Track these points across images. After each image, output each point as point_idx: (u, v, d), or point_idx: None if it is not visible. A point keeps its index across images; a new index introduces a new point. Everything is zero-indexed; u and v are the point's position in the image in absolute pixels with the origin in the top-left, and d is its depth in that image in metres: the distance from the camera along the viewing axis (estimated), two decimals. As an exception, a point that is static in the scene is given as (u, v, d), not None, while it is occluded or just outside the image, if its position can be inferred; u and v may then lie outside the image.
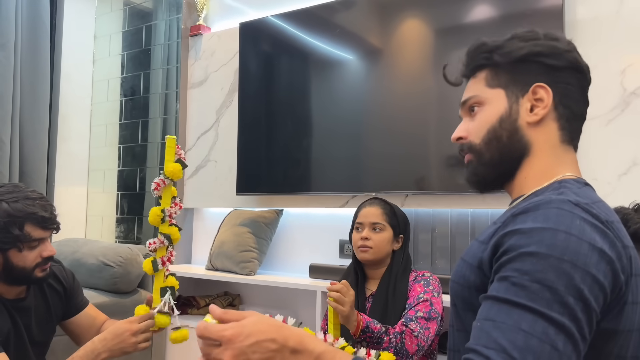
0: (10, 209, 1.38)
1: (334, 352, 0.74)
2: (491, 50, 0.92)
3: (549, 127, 0.89)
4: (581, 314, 0.70)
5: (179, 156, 1.51)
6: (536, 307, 0.69)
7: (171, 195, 1.52)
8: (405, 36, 2.67)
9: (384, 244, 1.80)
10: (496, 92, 0.91)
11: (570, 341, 0.69)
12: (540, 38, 0.90)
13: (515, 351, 0.67)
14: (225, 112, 3.38)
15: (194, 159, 3.50)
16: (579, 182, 0.86)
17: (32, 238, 1.42)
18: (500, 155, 0.90)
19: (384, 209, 1.84)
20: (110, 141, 4.04)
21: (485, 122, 0.91)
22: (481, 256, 0.82)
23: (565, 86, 0.88)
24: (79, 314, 1.65)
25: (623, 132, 2.20)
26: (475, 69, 0.94)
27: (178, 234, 1.51)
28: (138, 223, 3.85)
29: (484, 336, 0.71)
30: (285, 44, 3.07)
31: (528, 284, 0.70)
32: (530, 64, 0.89)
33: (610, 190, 2.20)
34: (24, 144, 3.53)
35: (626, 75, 2.21)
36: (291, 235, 3.17)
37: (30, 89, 3.56)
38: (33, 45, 3.59)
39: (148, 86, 3.86)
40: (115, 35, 4.09)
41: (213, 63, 3.47)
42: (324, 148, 2.89)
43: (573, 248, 0.71)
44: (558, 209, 0.75)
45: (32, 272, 1.44)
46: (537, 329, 0.68)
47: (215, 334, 0.73)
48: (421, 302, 1.70)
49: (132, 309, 2.78)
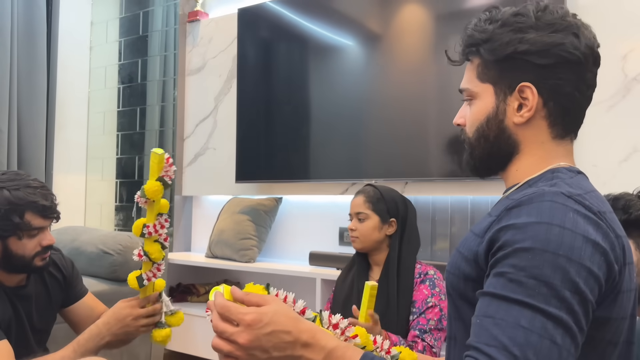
0: (12, 197, 1.38)
1: (344, 349, 0.76)
2: (478, 43, 0.88)
3: (537, 126, 0.87)
4: (578, 306, 0.71)
5: (165, 174, 1.41)
6: (534, 303, 0.70)
7: (157, 212, 1.42)
8: (405, 22, 2.65)
9: (369, 232, 1.80)
10: (486, 87, 0.89)
11: (568, 334, 0.70)
12: (532, 26, 0.85)
13: (515, 348, 0.68)
14: (224, 99, 3.36)
15: (193, 146, 3.49)
16: (572, 171, 0.86)
17: (32, 226, 1.41)
18: (489, 153, 0.91)
19: (367, 197, 1.83)
20: (108, 129, 4.02)
21: (474, 119, 0.91)
22: (477, 250, 0.82)
23: (555, 82, 0.85)
24: (77, 303, 1.66)
25: (624, 118, 2.19)
26: (469, 55, 0.93)
27: (159, 253, 1.43)
28: (137, 210, 3.85)
29: (484, 334, 0.71)
30: (284, 30, 3.04)
31: (525, 280, 0.71)
32: (517, 61, 0.85)
33: (610, 177, 2.19)
34: (22, 132, 3.51)
35: (627, 61, 2.19)
36: (291, 222, 3.17)
37: (27, 76, 3.54)
38: (29, 32, 3.55)
39: (146, 73, 3.83)
40: (112, 21, 4.05)
41: (211, 49, 3.44)
42: (324, 135, 2.88)
43: (567, 242, 0.72)
44: (551, 202, 0.75)
45: (31, 261, 1.44)
46: (536, 325, 0.69)
47: (236, 315, 0.75)
48: (430, 308, 1.69)
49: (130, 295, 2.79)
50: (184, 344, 2.99)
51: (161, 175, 1.39)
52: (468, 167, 0.95)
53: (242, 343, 0.74)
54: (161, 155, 1.37)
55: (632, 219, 1.14)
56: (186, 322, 3.12)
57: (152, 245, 1.42)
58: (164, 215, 1.44)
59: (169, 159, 1.41)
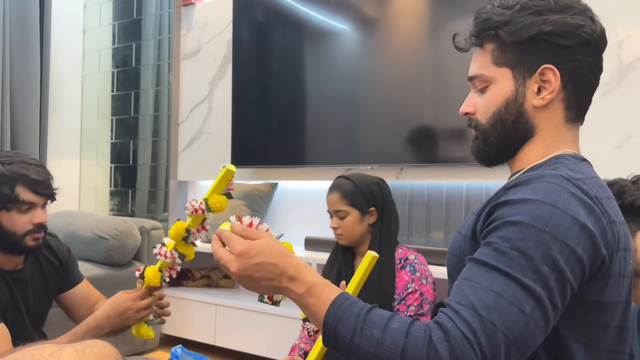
0: (4, 169, 1.40)
1: (324, 285, 0.80)
2: (497, 26, 0.86)
3: (555, 108, 0.88)
4: (554, 283, 0.73)
5: (229, 189, 1.36)
6: (510, 272, 0.73)
7: (203, 218, 1.39)
8: (402, 6, 2.63)
9: (352, 227, 1.76)
10: (503, 71, 0.88)
11: (539, 307, 0.72)
12: (552, 9, 0.84)
13: (483, 309, 0.71)
14: (219, 84, 3.34)
15: (188, 131, 3.47)
16: (576, 158, 0.87)
17: (22, 200, 1.41)
18: (505, 138, 0.90)
19: (342, 193, 1.77)
20: (102, 113, 4.00)
21: (491, 104, 0.89)
22: (474, 227, 0.85)
23: (575, 64, 0.85)
24: (73, 289, 1.66)
25: (619, 105, 2.20)
26: (483, 41, 0.90)
27: (193, 254, 1.43)
28: (132, 196, 3.84)
29: (458, 293, 0.74)
30: (280, 14, 3.02)
31: (507, 250, 0.74)
32: (540, 43, 0.84)
33: (604, 163, 2.21)
34: (15, 115, 3.48)
35: (623, 47, 2.19)
36: (286, 208, 3.18)
37: (20, 60, 3.50)
38: (22, 15, 3.51)
39: (140, 57, 3.80)
40: (105, 4, 4.00)
41: (206, 33, 3.41)
42: (319, 120, 2.88)
43: (555, 220, 0.74)
44: (548, 183, 0.77)
45: (22, 239, 1.43)
46: (508, 292, 0.72)
47: (231, 244, 0.83)
48: (410, 294, 1.66)
49: (127, 281, 2.80)
50: (179, 327, 3.00)
51: (227, 189, 1.36)
52: (478, 155, 0.94)
53: (233, 271, 0.81)
54: (232, 172, 1.33)
55: (626, 204, 1.15)
56: (182, 306, 3.14)
57: (187, 247, 1.41)
58: (206, 220, 1.40)
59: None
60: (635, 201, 1.14)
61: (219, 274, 3.25)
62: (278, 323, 2.69)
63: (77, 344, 0.73)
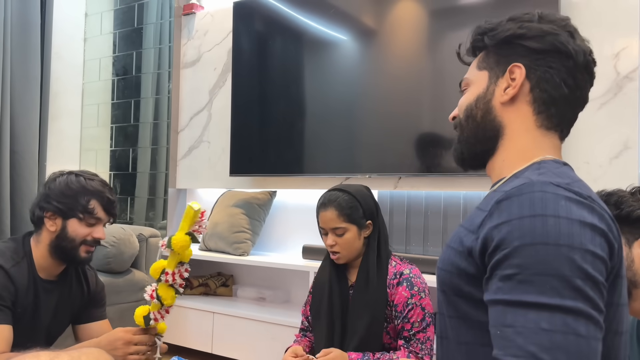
0: (86, 184, 1.53)
1: None
2: (484, 32, 0.93)
3: (522, 110, 0.89)
4: (592, 292, 0.70)
5: (196, 229, 1.39)
6: (548, 301, 0.69)
7: (178, 260, 1.43)
8: (400, 17, 2.65)
9: (352, 243, 1.67)
10: (482, 73, 0.93)
11: (591, 322, 0.69)
12: (533, 20, 0.89)
13: (544, 353, 0.68)
14: (219, 93, 3.36)
15: (187, 139, 3.48)
16: (558, 163, 0.86)
17: (94, 214, 1.53)
18: (475, 134, 0.93)
19: (339, 210, 1.66)
20: (102, 121, 4.01)
21: (466, 100, 0.94)
22: (471, 245, 0.81)
23: (545, 69, 0.87)
24: (92, 323, 1.68)
25: (615, 115, 2.21)
26: (475, 49, 0.96)
27: (172, 299, 1.43)
28: (130, 203, 3.85)
29: (510, 345, 0.70)
30: (280, 24, 3.04)
31: (533, 278, 0.70)
32: (514, 45, 0.89)
33: (601, 174, 2.22)
34: (15, 122, 3.49)
35: (620, 58, 2.21)
36: (284, 216, 3.18)
37: (20, 68, 3.52)
38: (23, 23, 3.53)
39: (140, 65, 3.82)
40: (106, 13, 4.03)
41: (206, 43, 3.43)
42: (318, 129, 2.89)
43: (566, 230, 0.71)
44: (542, 193, 0.75)
45: (78, 248, 1.53)
46: (557, 323, 0.68)
47: None
48: (412, 310, 1.62)
49: (125, 289, 2.80)
50: (176, 336, 3.00)
51: (192, 230, 1.40)
52: (455, 154, 0.97)
53: None
54: (197, 210, 1.36)
55: (624, 214, 1.16)
56: (179, 314, 3.13)
57: (167, 290, 1.43)
58: (185, 264, 1.44)
59: (203, 214, 1.40)
60: (632, 212, 1.15)
61: (217, 282, 3.24)
62: (275, 331, 2.69)
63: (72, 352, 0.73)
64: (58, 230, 1.51)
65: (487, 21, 0.94)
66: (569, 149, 2.28)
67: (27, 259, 1.51)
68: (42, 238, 1.53)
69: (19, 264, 1.48)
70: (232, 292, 3.24)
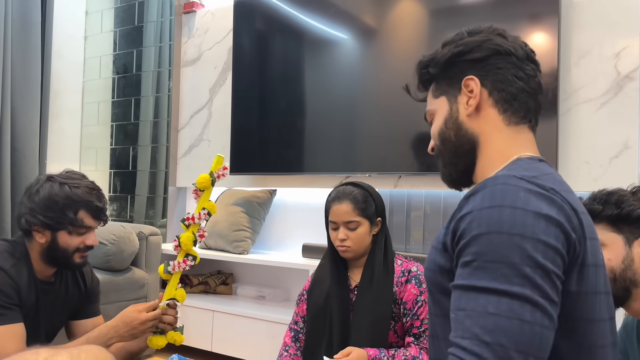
0: (71, 193, 1.47)
1: None
2: (426, 65, 0.99)
3: (489, 115, 0.93)
4: (541, 280, 0.73)
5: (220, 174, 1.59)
6: (497, 286, 0.73)
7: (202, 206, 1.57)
8: (401, 16, 2.65)
9: (363, 239, 1.67)
10: (440, 100, 0.98)
11: (537, 309, 0.73)
12: (464, 36, 0.95)
13: (487, 335, 0.71)
14: (219, 91, 3.36)
15: (187, 138, 3.49)
16: (533, 159, 0.89)
17: (83, 224, 1.48)
18: (455, 153, 0.96)
19: (355, 203, 1.66)
20: (102, 119, 4.01)
21: (436, 126, 0.98)
22: (444, 240, 0.86)
23: (495, 72, 0.92)
24: (87, 320, 1.68)
25: (616, 115, 2.21)
26: (425, 84, 1.02)
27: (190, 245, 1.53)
28: (131, 201, 3.85)
29: (459, 327, 0.75)
30: (280, 22, 3.04)
31: (486, 264, 0.75)
32: (458, 64, 0.94)
33: (601, 173, 2.22)
34: (16, 120, 3.49)
35: (620, 58, 2.21)
36: (284, 215, 3.18)
37: (21, 66, 3.52)
38: (23, 21, 3.53)
39: (140, 64, 3.82)
40: (107, 11, 4.03)
41: (206, 41, 3.43)
42: (318, 128, 2.89)
43: (519, 220, 0.75)
44: (503, 185, 0.79)
45: (71, 256, 1.51)
46: (503, 308, 0.72)
47: None
48: (421, 307, 1.62)
49: (125, 287, 2.80)
50: (176, 334, 3.00)
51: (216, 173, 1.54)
52: (444, 179, 1.01)
53: None
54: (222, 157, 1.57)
55: (624, 214, 1.16)
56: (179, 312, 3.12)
57: (188, 237, 1.52)
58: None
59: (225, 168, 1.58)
60: (633, 211, 1.15)
61: (217, 280, 3.25)
62: (275, 329, 2.69)
63: (71, 349, 0.73)
64: (48, 241, 1.47)
65: (424, 55, 1.00)
66: (569, 148, 2.28)
67: (24, 260, 1.49)
68: (33, 246, 1.50)
69: (17, 264, 1.47)
70: (231, 290, 3.24)
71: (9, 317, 1.39)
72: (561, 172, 2.26)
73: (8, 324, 1.38)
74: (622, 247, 1.16)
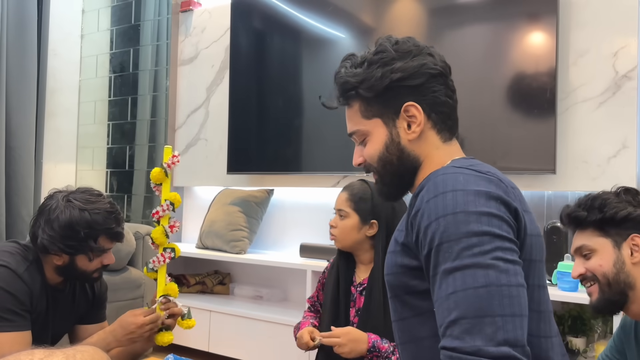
0: (91, 221, 1.45)
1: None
2: (355, 86, 0.97)
3: (428, 136, 0.97)
4: (490, 245, 0.78)
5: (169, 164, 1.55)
6: (455, 264, 0.78)
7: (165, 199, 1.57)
8: (399, 15, 2.64)
9: (346, 231, 1.65)
10: (374, 122, 0.98)
11: (499, 272, 0.76)
12: (395, 58, 0.94)
13: (455, 312, 0.76)
14: (216, 90, 3.35)
15: (184, 137, 3.47)
16: (467, 158, 0.97)
17: (103, 249, 1.50)
18: (398, 175, 0.99)
19: (350, 195, 1.67)
20: (99, 118, 3.99)
21: (374, 151, 0.99)
22: (404, 241, 0.90)
23: (432, 96, 0.95)
24: (92, 325, 1.68)
25: (614, 115, 2.21)
26: (348, 100, 1.01)
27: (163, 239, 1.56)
28: (127, 201, 3.83)
29: (440, 314, 0.79)
30: (278, 21, 3.03)
31: (441, 247, 0.80)
32: (395, 88, 0.95)
33: (599, 173, 2.21)
34: (11, 119, 3.48)
35: (619, 57, 2.20)
36: (282, 214, 3.17)
37: (17, 64, 3.50)
38: (20, 19, 3.51)
39: (137, 62, 3.81)
40: (103, 9, 4.01)
41: (204, 40, 3.42)
42: (316, 127, 2.88)
43: (461, 200, 0.81)
44: (443, 175, 0.86)
45: (90, 275, 1.53)
46: (468, 283, 0.76)
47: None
48: None
49: (122, 286, 2.79)
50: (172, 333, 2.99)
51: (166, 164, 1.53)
52: (382, 195, 1.04)
53: None
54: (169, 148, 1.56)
55: (608, 217, 1.15)
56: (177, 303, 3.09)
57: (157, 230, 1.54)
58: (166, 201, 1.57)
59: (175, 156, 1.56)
60: (617, 213, 1.15)
61: (214, 280, 3.24)
62: (272, 330, 2.68)
63: (67, 350, 0.72)
64: (66, 263, 1.47)
65: (347, 72, 0.98)
66: (567, 148, 2.27)
67: (36, 264, 1.48)
68: (48, 260, 1.48)
69: (30, 268, 1.46)
70: (229, 290, 3.23)
71: (18, 325, 1.39)
72: (559, 171, 2.26)
73: (16, 331, 1.38)
74: (611, 250, 1.15)
